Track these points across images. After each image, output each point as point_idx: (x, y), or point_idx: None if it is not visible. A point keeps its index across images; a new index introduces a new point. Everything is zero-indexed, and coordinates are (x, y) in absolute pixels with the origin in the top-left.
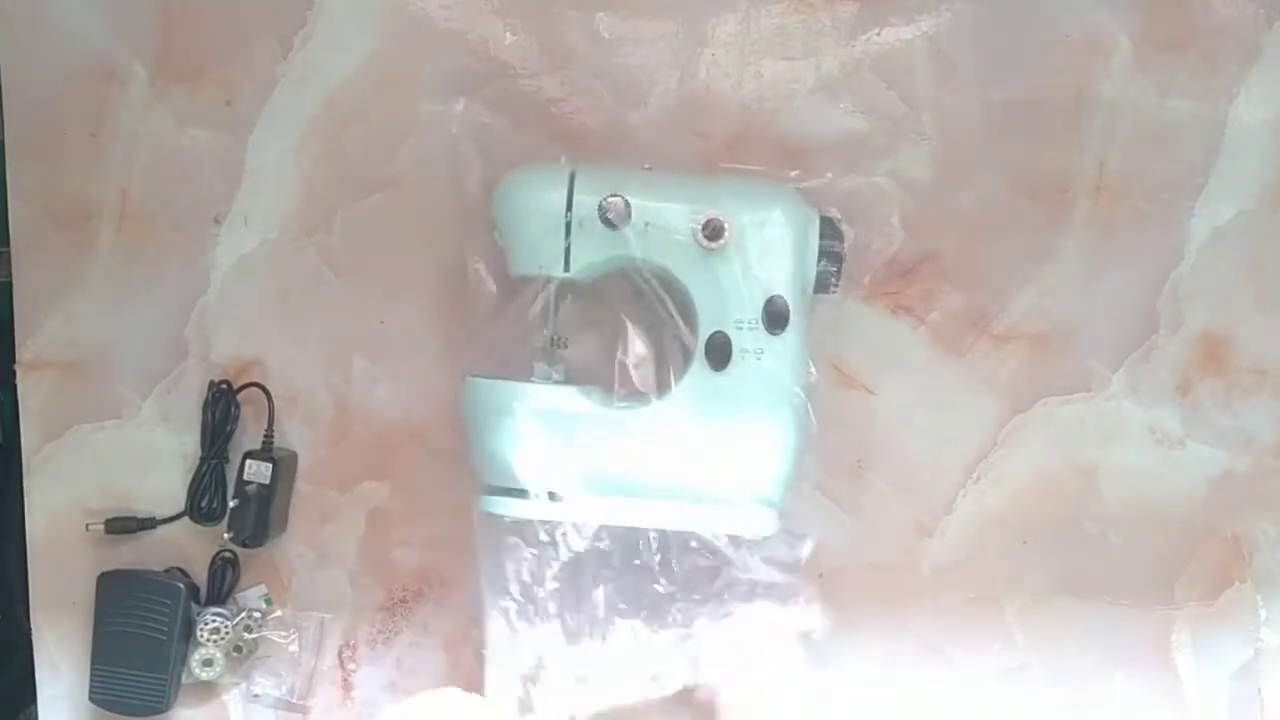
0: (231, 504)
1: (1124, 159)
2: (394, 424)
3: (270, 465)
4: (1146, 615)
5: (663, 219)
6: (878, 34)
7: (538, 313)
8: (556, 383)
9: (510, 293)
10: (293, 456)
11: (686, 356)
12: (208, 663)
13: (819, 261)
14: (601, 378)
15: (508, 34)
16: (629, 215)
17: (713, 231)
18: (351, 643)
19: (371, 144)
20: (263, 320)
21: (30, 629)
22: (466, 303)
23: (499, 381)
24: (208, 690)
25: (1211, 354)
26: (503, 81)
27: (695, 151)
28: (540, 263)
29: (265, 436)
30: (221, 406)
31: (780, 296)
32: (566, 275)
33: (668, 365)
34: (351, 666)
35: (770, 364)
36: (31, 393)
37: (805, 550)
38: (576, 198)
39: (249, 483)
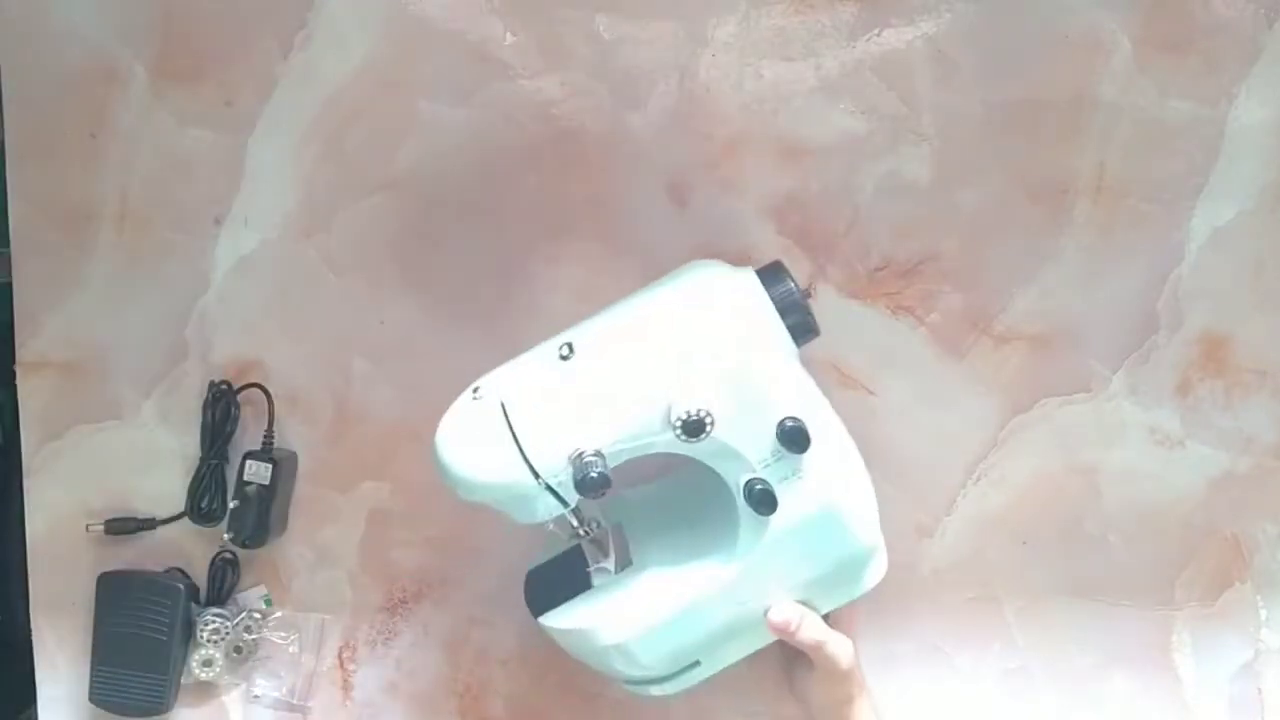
0: (231, 504)
1: (1124, 159)
2: (394, 424)
3: (270, 466)
4: (1146, 616)
5: (635, 441)
6: (878, 35)
7: (564, 537)
8: (620, 570)
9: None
10: (293, 457)
11: (729, 506)
12: (207, 663)
13: (785, 319)
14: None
15: (508, 34)
16: (604, 463)
17: (693, 431)
18: (351, 643)
19: (372, 144)
20: (263, 320)
21: (30, 629)
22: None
23: (574, 610)
24: (208, 691)
25: (1211, 354)
26: (502, 82)
27: (695, 152)
28: (542, 517)
29: (265, 437)
30: (221, 407)
31: (787, 417)
32: (573, 505)
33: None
34: (351, 667)
35: (814, 475)
36: (31, 393)
37: None
38: (539, 466)
39: (249, 483)
